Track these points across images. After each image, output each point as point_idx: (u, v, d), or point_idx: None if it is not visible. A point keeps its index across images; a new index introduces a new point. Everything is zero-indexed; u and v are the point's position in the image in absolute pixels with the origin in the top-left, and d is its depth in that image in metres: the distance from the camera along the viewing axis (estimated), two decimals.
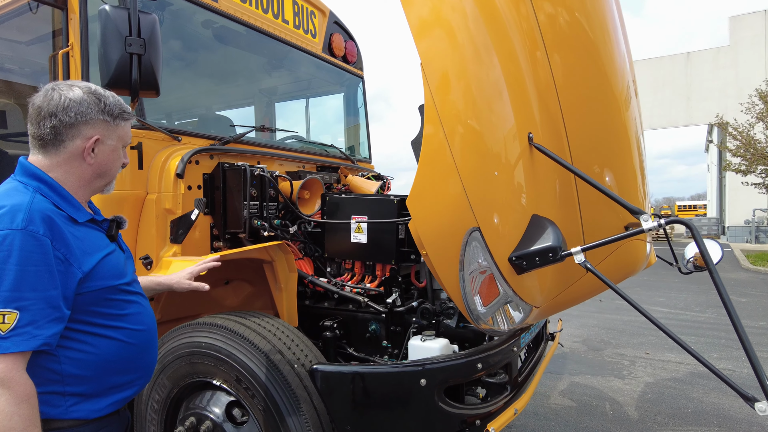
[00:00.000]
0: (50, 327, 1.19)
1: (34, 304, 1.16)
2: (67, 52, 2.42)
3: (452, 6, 1.64)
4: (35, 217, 1.20)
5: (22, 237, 1.17)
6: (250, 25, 3.34)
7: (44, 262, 1.19)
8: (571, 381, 4.74)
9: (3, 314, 1.13)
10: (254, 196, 2.66)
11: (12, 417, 1.11)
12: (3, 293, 1.14)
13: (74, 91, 1.33)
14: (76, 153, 1.34)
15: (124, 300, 1.40)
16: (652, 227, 1.52)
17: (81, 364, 1.30)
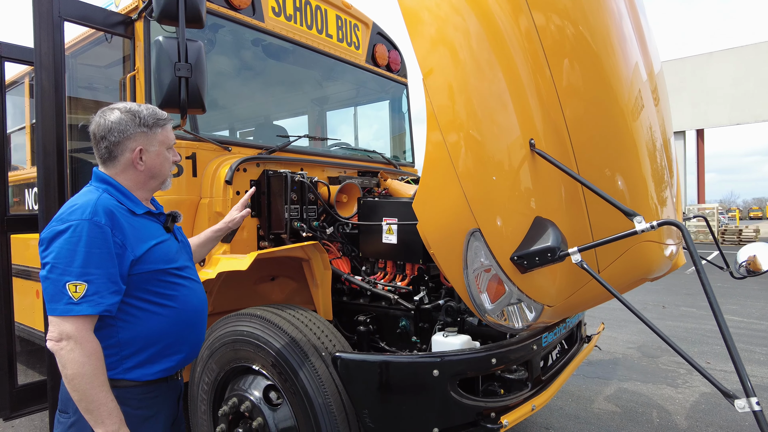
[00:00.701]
0: (110, 297, 1.45)
1: (98, 278, 1.42)
2: (133, 76, 2.77)
3: (455, 26, 1.78)
4: (99, 211, 1.47)
5: (89, 226, 1.43)
6: (295, 42, 3.60)
7: (105, 246, 1.44)
8: (618, 387, 4.65)
9: (76, 285, 1.39)
10: (295, 200, 2.91)
11: (83, 365, 1.38)
12: (75, 269, 1.40)
13: (114, 114, 1.58)
14: (128, 163, 1.61)
15: (174, 282, 1.63)
16: (644, 229, 1.57)
17: (134, 334, 1.54)
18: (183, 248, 1.78)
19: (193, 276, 1.75)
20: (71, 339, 1.39)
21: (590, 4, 1.79)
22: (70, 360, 1.39)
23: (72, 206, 1.50)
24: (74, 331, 1.39)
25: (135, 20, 2.84)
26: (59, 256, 1.41)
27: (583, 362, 5.27)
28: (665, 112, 2.36)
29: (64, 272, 1.40)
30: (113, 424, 1.42)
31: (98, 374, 1.41)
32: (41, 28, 2.51)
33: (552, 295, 2.00)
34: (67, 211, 1.48)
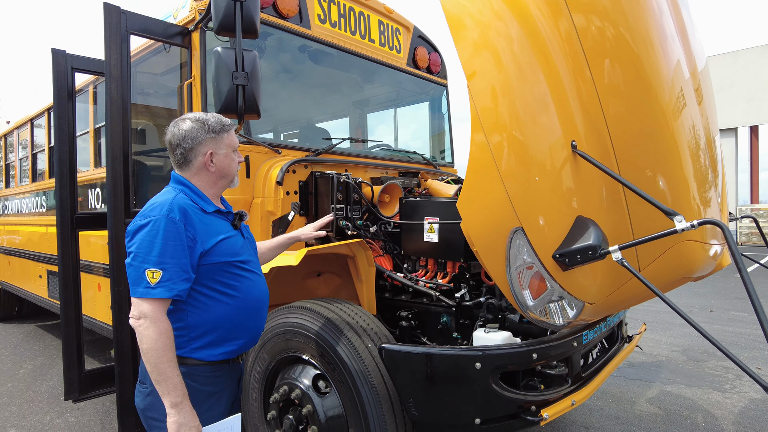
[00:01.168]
0: (182, 284, 1.64)
1: (172, 267, 1.62)
2: (190, 83, 2.96)
3: (497, 31, 1.86)
4: (174, 208, 1.67)
5: (166, 221, 1.63)
6: (339, 47, 3.74)
7: (179, 239, 1.64)
8: (662, 389, 4.58)
9: (153, 272, 1.60)
10: (340, 200, 3.04)
11: (155, 341, 1.58)
12: (153, 258, 1.61)
13: (186, 124, 1.79)
14: (201, 166, 1.82)
15: (238, 274, 1.80)
16: (684, 228, 1.61)
17: (201, 318, 1.73)
18: (248, 244, 1.95)
19: (255, 269, 1.92)
20: (147, 318, 1.58)
21: (630, 4, 1.83)
22: (145, 336, 1.58)
23: (153, 204, 1.71)
24: (150, 311, 1.59)
25: (192, 31, 3.04)
26: (140, 246, 1.62)
27: (624, 364, 5.24)
28: (709, 111, 2.36)
29: (144, 260, 1.61)
30: (176, 397, 1.59)
31: (167, 351, 1.59)
32: (111, 41, 2.73)
33: (593, 293, 2.05)
34: (149, 208, 1.69)
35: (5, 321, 7.69)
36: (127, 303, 2.85)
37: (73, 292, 3.62)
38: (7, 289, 7.30)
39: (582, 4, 1.87)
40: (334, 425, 2.35)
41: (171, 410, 1.59)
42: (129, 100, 2.84)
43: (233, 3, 2.25)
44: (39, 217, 5.92)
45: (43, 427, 3.91)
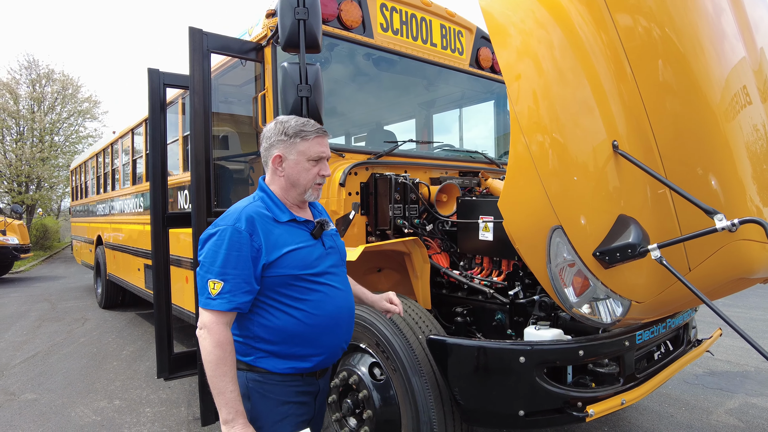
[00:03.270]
0: (242, 296, 1.58)
1: (233, 278, 1.56)
2: (263, 94, 3.26)
3: (539, 39, 1.92)
4: (242, 217, 1.62)
5: (231, 231, 1.59)
6: (402, 54, 3.90)
7: (243, 250, 1.58)
8: (745, 401, 4.29)
9: (214, 282, 1.57)
10: (398, 199, 3.20)
11: (210, 354, 1.54)
12: (216, 268, 1.57)
13: (270, 125, 1.77)
14: (273, 170, 1.75)
15: (307, 287, 1.68)
16: (725, 227, 1.59)
17: (266, 329, 1.67)
18: (330, 254, 1.81)
19: (333, 282, 1.77)
20: (205, 328, 1.56)
21: (676, 5, 1.82)
22: (202, 347, 1.56)
23: (227, 212, 1.69)
24: (209, 322, 1.56)
25: (264, 47, 3.33)
26: (207, 256, 1.61)
27: (703, 371, 4.96)
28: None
29: (208, 270, 1.59)
30: (228, 413, 1.53)
31: (221, 364, 1.53)
32: (194, 60, 3.07)
33: (640, 292, 2.05)
34: (222, 217, 1.69)
35: (112, 309, 8.63)
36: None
37: (164, 284, 4.06)
38: (113, 280, 8.19)
39: (624, 6, 1.89)
40: (387, 410, 2.51)
41: (223, 427, 1.54)
42: (210, 110, 3.18)
43: (297, 22, 2.48)
44: (137, 216, 6.62)
45: (141, 400, 4.43)
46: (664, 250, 1.78)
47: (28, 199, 22.30)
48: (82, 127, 25.73)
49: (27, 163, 22.22)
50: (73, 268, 15.39)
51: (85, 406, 4.32)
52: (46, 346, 6.34)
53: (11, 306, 9.26)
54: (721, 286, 2.08)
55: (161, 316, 4.05)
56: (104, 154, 8.71)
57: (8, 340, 6.71)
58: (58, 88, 24.06)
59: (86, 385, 4.86)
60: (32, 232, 19.68)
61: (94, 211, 9.38)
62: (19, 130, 23.39)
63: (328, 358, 1.78)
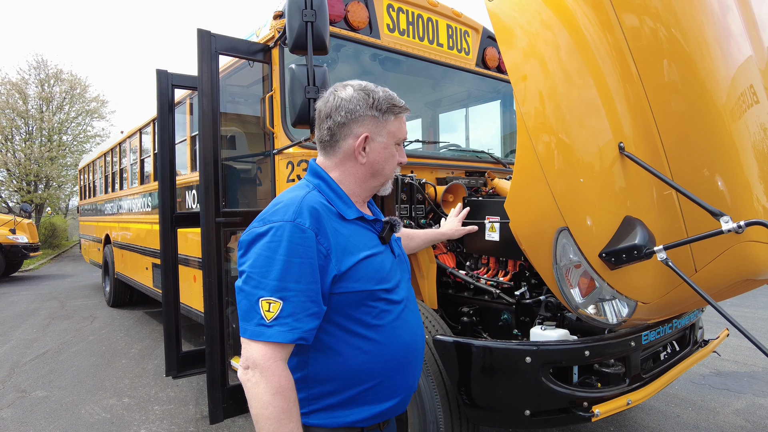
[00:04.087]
0: (308, 321, 1.15)
1: (296, 296, 1.14)
2: (271, 95, 3.28)
3: (545, 40, 1.93)
4: (304, 210, 1.21)
5: (291, 229, 1.17)
6: (408, 54, 3.91)
7: (308, 255, 1.17)
8: (752, 402, 4.28)
9: (269, 302, 1.13)
10: (404, 200, 3.22)
11: (267, 406, 1.10)
12: (271, 282, 1.14)
13: (346, 91, 1.34)
14: (350, 153, 1.35)
15: (382, 308, 1.29)
16: (731, 229, 1.60)
17: (327, 370, 1.24)
18: (400, 264, 1.45)
19: (406, 300, 1.40)
20: (257, 368, 1.12)
21: (682, 5, 1.83)
22: (253, 396, 1.12)
23: (277, 204, 1.27)
24: (262, 360, 1.12)
25: (272, 48, 3.35)
26: (256, 264, 1.17)
27: (710, 372, 4.94)
28: None
29: (258, 284, 1.15)
30: None
31: (285, 420, 1.11)
32: (203, 61, 3.10)
33: (646, 293, 2.06)
34: (270, 210, 1.26)
35: (120, 307, 8.71)
36: (216, 290, 3.24)
37: (173, 283, 4.11)
38: (121, 279, 8.27)
39: (630, 6, 1.90)
40: None
41: None
42: (218, 111, 3.21)
43: (305, 24, 2.50)
44: (145, 215, 6.67)
45: (149, 398, 4.48)
46: (670, 251, 1.79)
47: (37, 198, 22.51)
48: (90, 126, 25.97)
49: (36, 162, 22.42)
50: (81, 267, 15.53)
51: (95, 404, 4.37)
52: (56, 344, 6.42)
53: (21, 304, 9.36)
54: (727, 287, 2.08)
55: (169, 314, 4.10)
56: (112, 154, 8.78)
57: (19, 337, 6.79)
58: (66, 88, 24.26)
59: (96, 382, 4.91)
60: (41, 231, 19.87)
61: (103, 210, 9.47)
62: (28, 129, 23.61)
63: (400, 404, 1.36)
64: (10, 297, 10.23)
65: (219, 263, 3.20)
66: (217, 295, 3.21)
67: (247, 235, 1.24)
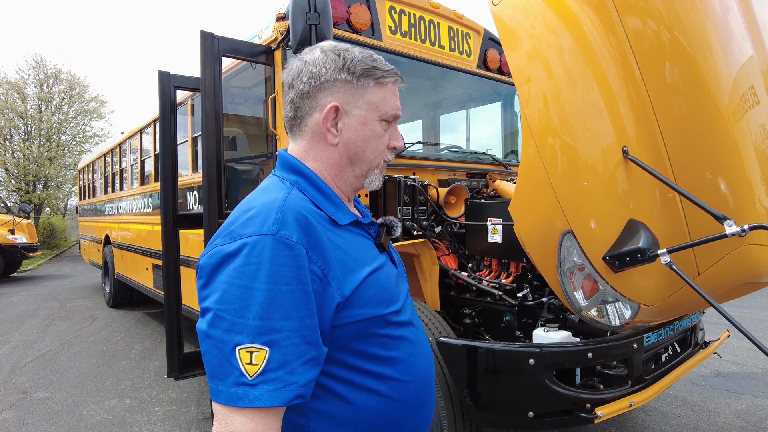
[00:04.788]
0: (305, 371, 0.85)
1: (286, 338, 0.83)
2: (274, 97, 3.29)
3: (549, 43, 1.94)
4: (288, 219, 0.90)
5: (273, 245, 0.86)
6: (410, 56, 3.92)
7: (299, 280, 0.86)
8: (752, 403, 4.30)
9: (251, 351, 0.81)
10: (407, 201, 3.22)
11: None
12: (251, 322, 0.82)
13: (313, 53, 1.03)
14: (317, 130, 1.03)
15: (392, 336, 1.01)
16: (734, 232, 1.61)
17: (331, 424, 0.95)
18: (402, 277, 1.19)
19: (415, 321, 1.13)
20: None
21: (685, 7, 1.84)
22: None
23: (247, 211, 0.93)
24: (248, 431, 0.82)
25: (274, 50, 3.36)
26: (226, 299, 0.84)
27: (711, 373, 4.96)
28: None
29: (232, 327, 0.83)
30: None
31: None
32: (206, 62, 3.11)
33: (649, 295, 2.07)
34: (239, 220, 0.92)
35: (120, 308, 8.70)
36: None
37: (174, 284, 4.10)
38: (121, 279, 8.26)
39: (634, 9, 1.91)
40: None
41: None
42: (221, 113, 3.21)
43: (308, 27, 2.51)
44: (146, 216, 6.68)
45: (151, 399, 4.48)
46: (673, 254, 1.80)
47: (36, 198, 22.48)
48: (89, 126, 25.94)
49: (34, 163, 22.40)
50: (81, 267, 15.51)
51: (96, 405, 4.37)
52: (56, 344, 6.41)
53: (21, 305, 9.35)
54: (729, 289, 2.09)
55: (171, 316, 4.10)
56: (112, 154, 8.78)
57: (19, 338, 6.79)
58: (65, 88, 24.24)
59: (97, 383, 4.91)
60: (40, 231, 19.84)
61: (102, 211, 9.46)
62: (26, 129, 23.58)
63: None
64: (10, 297, 10.22)
65: None
66: None
67: (209, 256, 0.89)
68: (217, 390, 0.84)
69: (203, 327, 0.87)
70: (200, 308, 0.89)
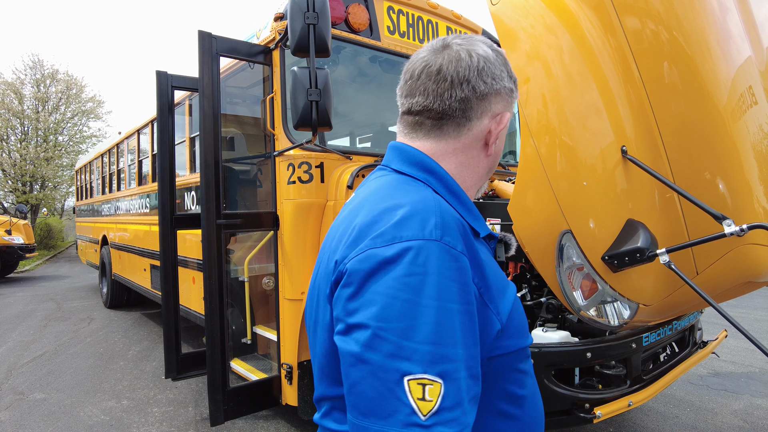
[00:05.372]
0: (472, 412, 0.71)
1: (458, 369, 0.69)
2: (272, 97, 3.28)
3: (548, 44, 1.95)
4: (449, 224, 0.77)
5: (440, 254, 0.72)
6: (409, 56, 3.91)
7: (465, 299, 0.73)
8: (750, 402, 4.31)
9: (423, 383, 0.66)
10: None
11: None
12: (421, 346, 0.67)
13: (482, 47, 0.90)
14: (479, 137, 0.92)
15: (526, 371, 0.89)
16: (733, 232, 1.61)
17: None
18: None
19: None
20: None
21: (684, 7, 1.84)
22: None
23: (394, 208, 0.78)
24: None
25: (273, 50, 3.35)
26: (388, 315, 0.69)
27: (708, 373, 4.97)
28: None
29: (398, 351, 0.67)
30: None
31: None
32: (203, 63, 3.10)
33: (648, 295, 2.07)
34: (387, 219, 0.77)
35: (117, 308, 8.68)
36: (217, 292, 3.23)
37: (172, 284, 4.10)
38: (118, 280, 8.24)
39: (633, 10, 1.91)
40: None
41: None
42: (219, 113, 3.20)
43: (307, 27, 2.51)
44: (143, 216, 6.66)
45: (148, 400, 4.46)
46: (671, 253, 1.80)
47: (33, 199, 22.41)
48: (86, 126, 25.87)
49: (31, 163, 22.33)
50: (78, 268, 15.47)
51: (94, 406, 4.35)
52: (53, 345, 6.39)
53: (17, 305, 9.32)
54: (728, 289, 2.10)
55: (169, 316, 4.09)
56: (110, 155, 8.76)
57: (15, 339, 6.76)
58: (62, 88, 24.17)
59: (94, 384, 4.90)
60: (36, 232, 19.78)
61: (100, 211, 9.44)
62: (23, 129, 23.51)
63: None
64: (6, 298, 10.18)
65: (220, 265, 3.19)
66: (218, 297, 3.20)
67: (361, 260, 0.74)
68: (376, 427, 0.67)
69: (354, 349, 0.69)
70: (346, 324, 0.72)
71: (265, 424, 3.86)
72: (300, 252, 3.23)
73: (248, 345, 3.99)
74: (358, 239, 0.77)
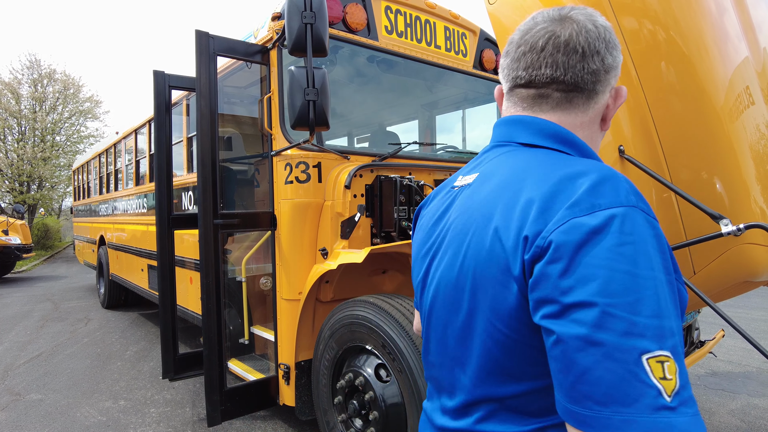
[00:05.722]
0: None
1: (680, 343, 0.65)
2: (269, 97, 3.28)
3: None
4: (636, 189, 0.74)
5: (643, 221, 0.68)
6: (406, 56, 3.92)
7: (667, 269, 0.68)
8: (747, 402, 4.32)
9: (661, 360, 0.61)
10: (403, 201, 3.22)
11: None
12: (650, 320, 0.62)
13: (602, 18, 0.87)
14: (600, 111, 0.89)
15: None
16: (730, 232, 1.61)
17: None
18: None
19: None
20: None
21: (681, 8, 1.84)
22: None
23: (575, 176, 0.73)
24: None
25: (270, 49, 3.35)
26: (614, 290, 0.63)
27: (706, 372, 4.97)
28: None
29: (631, 328, 0.62)
30: None
31: None
32: (201, 62, 3.09)
33: None
34: (579, 187, 0.71)
35: (114, 309, 8.66)
36: (215, 292, 3.23)
37: (169, 285, 4.09)
38: (116, 280, 8.22)
39: (630, 9, 1.91)
40: (394, 411, 2.54)
41: None
42: (216, 113, 3.20)
43: (304, 26, 2.50)
44: (141, 216, 6.64)
45: (146, 401, 4.45)
46: None
47: (30, 199, 22.35)
48: (84, 126, 25.81)
49: (29, 163, 22.28)
50: (75, 268, 15.43)
51: (91, 407, 4.34)
52: (50, 346, 6.37)
53: (14, 306, 9.29)
54: (725, 288, 2.10)
55: (166, 317, 4.08)
56: (107, 155, 8.74)
57: (12, 340, 6.74)
58: (59, 88, 24.12)
59: (91, 385, 4.88)
60: (34, 232, 19.74)
61: (97, 212, 9.41)
62: (20, 129, 23.45)
63: None
64: (3, 299, 10.15)
65: (217, 265, 3.19)
66: (215, 297, 3.20)
67: (566, 231, 0.68)
68: (623, 421, 0.60)
69: (581, 331, 0.63)
70: (562, 304, 0.66)
71: (263, 425, 3.85)
72: (297, 252, 3.23)
73: (245, 345, 3.98)
74: (546, 211, 0.71)
